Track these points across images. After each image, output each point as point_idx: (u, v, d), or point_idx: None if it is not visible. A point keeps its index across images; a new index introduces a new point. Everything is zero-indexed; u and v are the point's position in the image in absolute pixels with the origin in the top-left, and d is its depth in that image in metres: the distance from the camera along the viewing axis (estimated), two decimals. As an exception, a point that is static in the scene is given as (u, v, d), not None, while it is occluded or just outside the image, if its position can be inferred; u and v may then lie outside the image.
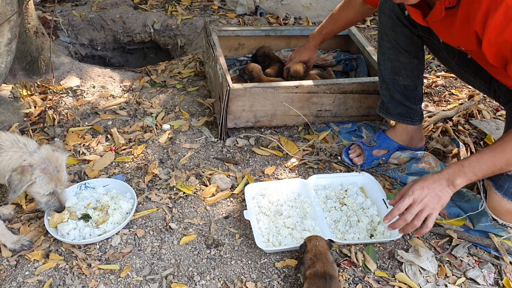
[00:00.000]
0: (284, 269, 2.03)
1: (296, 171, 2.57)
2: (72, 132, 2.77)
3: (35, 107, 2.93)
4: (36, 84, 3.08)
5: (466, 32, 1.83)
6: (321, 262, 1.88)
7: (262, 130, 2.85)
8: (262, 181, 2.48)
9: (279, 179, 2.51)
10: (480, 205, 2.08)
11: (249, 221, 2.15)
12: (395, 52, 2.41)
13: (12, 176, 1.89)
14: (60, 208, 2.09)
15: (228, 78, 2.64)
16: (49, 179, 1.97)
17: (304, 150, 2.70)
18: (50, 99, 3.00)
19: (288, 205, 2.30)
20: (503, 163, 1.83)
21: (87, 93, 3.15)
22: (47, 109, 2.91)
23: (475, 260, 2.10)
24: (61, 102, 3.02)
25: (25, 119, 2.86)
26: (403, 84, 2.48)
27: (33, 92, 3.01)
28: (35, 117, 2.86)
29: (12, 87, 2.95)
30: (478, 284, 1.99)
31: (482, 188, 2.05)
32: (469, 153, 2.68)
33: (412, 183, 1.92)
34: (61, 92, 3.11)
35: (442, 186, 1.87)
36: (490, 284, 1.99)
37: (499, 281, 2.01)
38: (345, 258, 2.09)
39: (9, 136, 1.96)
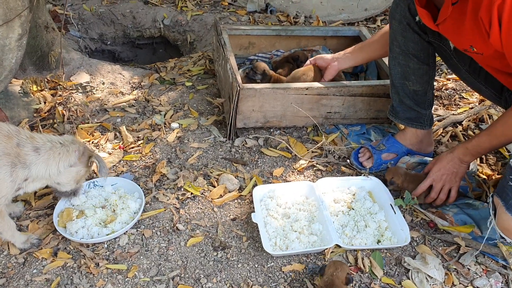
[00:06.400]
0: (290, 274, 2.04)
1: (305, 173, 2.57)
2: (82, 129, 2.78)
3: (45, 102, 2.94)
4: (46, 80, 3.09)
5: (477, 28, 1.81)
6: None
7: (271, 130, 2.85)
8: (270, 182, 2.48)
9: (288, 181, 2.51)
10: (489, 222, 2.07)
11: (256, 223, 2.15)
12: (405, 58, 2.40)
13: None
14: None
15: (239, 78, 2.63)
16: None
17: (312, 152, 2.69)
18: (60, 95, 3.01)
19: (296, 208, 2.30)
20: (498, 144, 2.18)
21: (96, 90, 3.15)
22: (57, 105, 2.92)
23: (483, 269, 2.09)
24: (71, 98, 3.02)
25: (34, 114, 2.87)
26: (412, 89, 2.47)
27: (43, 88, 3.02)
28: (45, 113, 2.87)
29: (22, 82, 2.96)
30: (485, 293, 1.99)
31: (491, 205, 2.04)
32: (478, 160, 2.66)
33: (431, 165, 2.32)
34: (71, 88, 3.12)
35: (455, 163, 2.25)
36: (497, 293, 1.99)
37: (506, 291, 2.01)
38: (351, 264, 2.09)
39: (42, 137, 2.01)
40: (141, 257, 2.09)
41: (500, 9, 1.66)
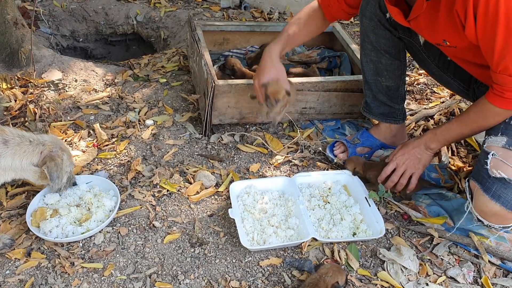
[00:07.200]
0: (268, 268, 2.05)
1: (281, 169, 2.58)
2: (54, 127, 2.73)
3: (15, 101, 2.88)
4: (16, 77, 3.02)
5: (451, 22, 1.84)
6: None
7: (247, 127, 2.85)
8: (247, 178, 2.49)
9: (264, 176, 2.51)
10: (466, 207, 2.11)
11: (233, 219, 2.15)
12: (377, 54, 2.44)
13: (49, 167, 2.03)
14: (75, 181, 2.27)
15: (213, 74, 2.63)
16: (68, 155, 2.15)
17: (288, 147, 2.70)
18: (31, 93, 2.95)
19: (273, 203, 2.31)
20: (468, 132, 2.19)
21: (69, 87, 3.10)
22: (28, 103, 2.86)
23: (455, 259, 2.13)
24: (43, 96, 2.97)
25: (5, 113, 2.80)
26: (385, 85, 2.51)
27: (13, 86, 2.96)
28: (16, 111, 2.81)
29: (-9, 80, 2.89)
30: (458, 282, 2.03)
31: (468, 190, 2.08)
32: (450, 152, 2.72)
33: (396, 150, 2.33)
34: (42, 85, 3.06)
35: (420, 149, 2.26)
36: (469, 282, 2.03)
37: (478, 280, 2.05)
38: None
39: (13, 131, 2.03)
40: (117, 255, 2.07)
41: (476, 2, 1.69)
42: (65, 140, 2.66)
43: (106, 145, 2.65)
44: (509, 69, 1.79)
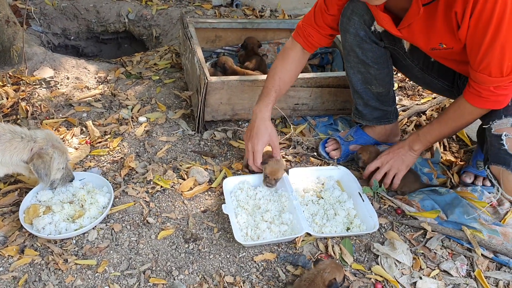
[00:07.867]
0: (262, 263, 2.05)
1: (274, 165, 2.58)
2: (46, 124, 2.71)
3: (7, 98, 2.86)
4: (8, 75, 3.01)
5: (448, 24, 1.86)
6: None
7: (240, 123, 2.85)
8: (239, 174, 2.49)
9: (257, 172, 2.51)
10: (496, 193, 2.11)
11: (227, 215, 2.15)
12: (364, 66, 2.43)
13: (35, 164, 2.01)
14: (73, 177, 2.24)
15: (206, 71, 2.62)
16: (61, 151, 2.12)
17: (281, 143, 2.71)
18: (23, 91, 2.94)
19: (266, 199, 2.31)
20: (448, 132, 2.23)
21: (61, 85, 3.09)
22: (20, 100, 2.84)
23: (449, 253, 2.15)
24: (35, 94, 2.95)
25: (-4, 110, 2.79)
26: (376, 92, 2.51)
27: (5, 83, 2.94)
28: (8, 108, 2.80)
29: (-17, 78, 2.88)
30: (452, 276, 2.04)
31: (492, 176, 2.06)
32: (441, 147, 2.74)
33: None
34: (34, 83, 3.04)
35: (404, 150, 2.32)
36: (462, 275, 2.05)
37: (471, 273, 2.06)
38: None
39: (4, 126, 2.02)
40: (111, 251, 2.06)
41: (475, 2, 1.71)
42: (58, 138, 2.65)
43: (99, 142, 2.64)
44: (489, 68, 1.83)
